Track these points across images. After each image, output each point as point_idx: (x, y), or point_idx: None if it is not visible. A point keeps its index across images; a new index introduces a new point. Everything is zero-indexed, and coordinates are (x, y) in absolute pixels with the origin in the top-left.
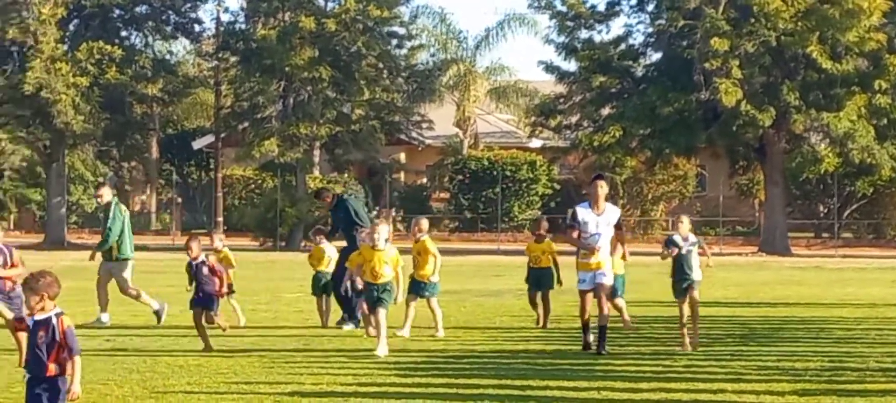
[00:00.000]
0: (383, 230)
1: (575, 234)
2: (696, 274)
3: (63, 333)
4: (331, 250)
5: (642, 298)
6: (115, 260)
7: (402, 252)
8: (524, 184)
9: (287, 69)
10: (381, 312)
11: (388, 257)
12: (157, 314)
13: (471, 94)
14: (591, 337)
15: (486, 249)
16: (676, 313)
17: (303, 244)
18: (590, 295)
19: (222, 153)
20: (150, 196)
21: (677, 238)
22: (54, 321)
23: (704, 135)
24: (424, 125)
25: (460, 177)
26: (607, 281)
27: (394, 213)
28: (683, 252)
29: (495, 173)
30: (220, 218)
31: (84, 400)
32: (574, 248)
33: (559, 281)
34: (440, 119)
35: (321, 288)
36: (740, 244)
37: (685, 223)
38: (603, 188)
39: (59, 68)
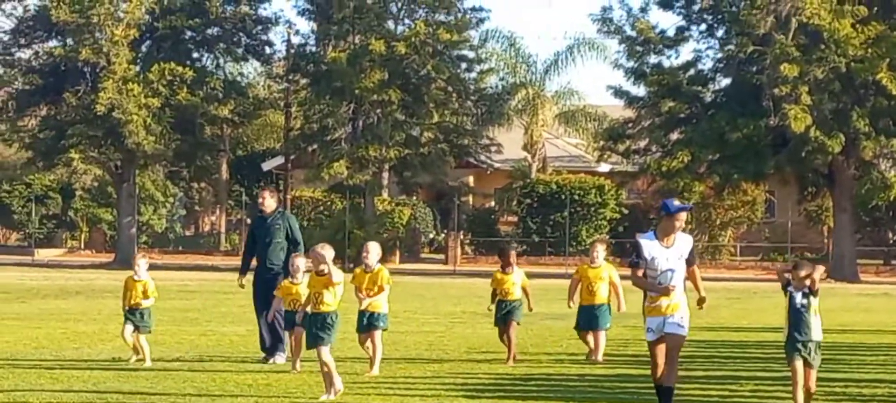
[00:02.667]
0: (328, 254)
1: (640, 273)
2: (815, 333)
3: None
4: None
5: (711, 323)
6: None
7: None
8: (592, 209)
9: (357, 91)
10: (322, 350)
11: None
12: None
13: (539, 118)
14: None
15: (554, 273)
16: (743, 337)
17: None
18: (662, 348)
19: (292, 174)
20: (219, 217)
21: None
22: None
23: (773, 160)
24: (493, 148)
25: (528, 200)
26: (682, 330)
27: (462, 236)
28: (798, 306)
29: (563, 197)
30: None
31: None
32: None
33: (530, 308)
34: (509, 143)
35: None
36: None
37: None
38: (684, 221)
39: (131, 89)
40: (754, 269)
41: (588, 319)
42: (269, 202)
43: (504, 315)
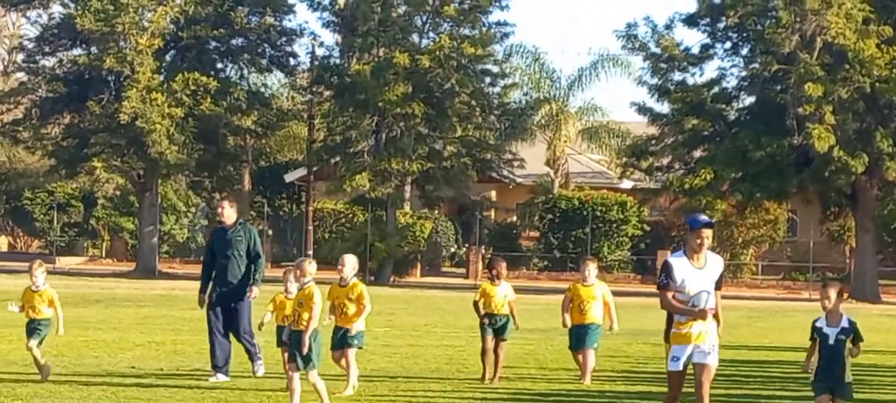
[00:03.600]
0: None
1: (670, 295)
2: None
3: None
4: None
5: (732, 342)
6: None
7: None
8: (614, 225)
9: (380, 104)
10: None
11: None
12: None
13: (562, 134)
14: None
15: None
16: (764, 356)
17: (391, 279)
18: (682, 379)
19: (314, 186)
20: None
21: (822, 324)
22: None
23: (796, 180)
24: (516, 163)
25: (550, 216)
26: (712, 360)
27: (483, 251)
28: (831, 342)
29: (585, 213)
30: (310, 251)
31: None
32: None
33: (516, 326)
34: (531, 158)
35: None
36: None
37: (832, 296)
38: (708, 237)
39: (154, 98)
40: (776, 288)
41: (577, 338)
42: (229, 213)
43: (493, 330)
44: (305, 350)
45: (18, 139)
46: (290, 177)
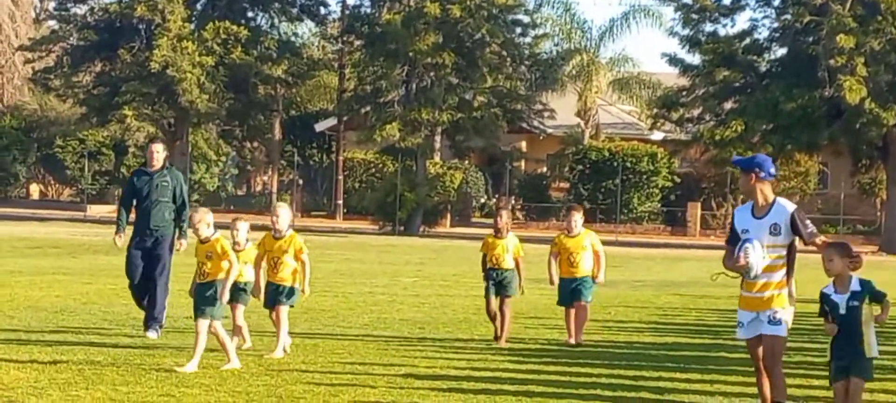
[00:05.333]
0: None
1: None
2: (870, 348)
3: None
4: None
5: None
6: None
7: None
8: (644, 176)
9: (411, 54)
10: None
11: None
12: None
13: (593, 85)
14: None
15: (604, 240)
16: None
17: (421, 229)
18: (759, 351)
19: (344, 136)
20: (271, 177)
21: (830, 290)
22: None
23: (827, 132)
24: (546, 114)
25: (580, 167)
26: (777, 329)
27: (513, 202)
28: (842, 311)
29: (616, 164)
30: (340, 201)
31: (205, 379)
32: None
33: (521, 290)
34: (562, 108)
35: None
36: (860, 243)
37: (835, 259)
38: (744, 179)
39: (185, 47)
40: None
41: (568, 293)
42: (160, 155)
43: (496, 287)
44: (225, 299)
45: (50, 87)
46: (320, 127)
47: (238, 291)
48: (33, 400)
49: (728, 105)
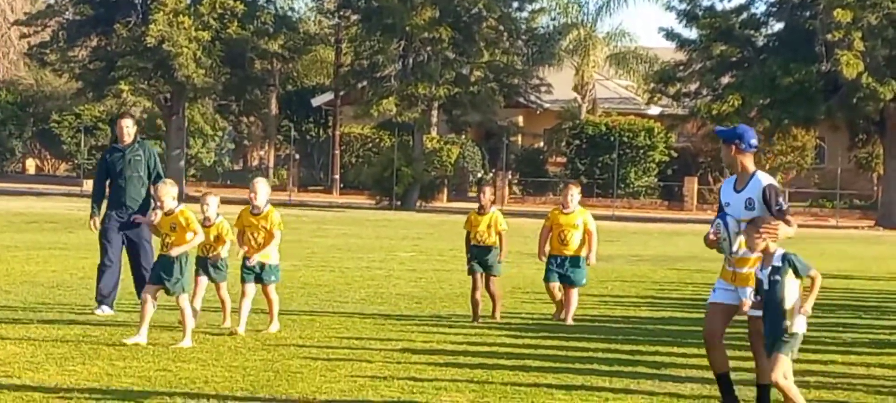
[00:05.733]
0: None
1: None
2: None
3: None
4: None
5: None
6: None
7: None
8: (641, 151)
9: (407, 29)
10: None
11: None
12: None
13: (590, 59)
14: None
15: (601, 215)
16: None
17: (417, 204)
18: (715, 317)
19: (341, 111)
20: (268, 151)
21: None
22: None
23: (824, 107)
24: (543, 89)
25: (577, 141)
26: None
27: (510, 176)
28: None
29: (612, 139)
30: (337, 176)
31: (206, 350)
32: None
33: (500, 257)
34: (559, 83)
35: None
36: (857, 217)
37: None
38: (726, 150)
39: (181, 22)
40: (802, 215)
41: (557, 272)
42: (130, 130)
43: (481, 266)
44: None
45: (46, 61)
46: (317, 102)
47: (216, 270)
48: (30, 375)
49: (725, 79)
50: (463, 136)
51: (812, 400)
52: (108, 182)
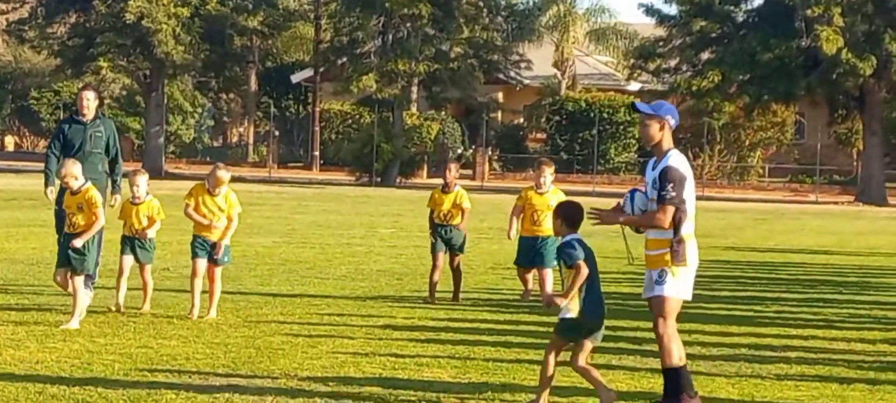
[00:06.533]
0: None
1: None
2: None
3: None
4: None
5: (737, 244)
6: None
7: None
8: (621, 127)
9: (387, 5)
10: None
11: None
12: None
13: (570, 35)
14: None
15: (582, 191)
16: (769, 258)
17: (397, 180)
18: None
19: (320, 87)
20: (247, 128)
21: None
22: None
23: (804, 82)
24: (523, 65)
25: (557, 117)
26: (657, 290)
27: (490, 152)
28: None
29: (592, 115)
30: (317, 152)
31: (183, 330)
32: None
33: (460, 227)
34: (539, 59)
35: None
36: (837, 193)
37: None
38: (644, 128)
39: None
40: (782, 191)
41: (530, 254)
42: (92, 104)
43: (445, 244)
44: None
45: (24, 38)
46: (296, 78)
47: (143, 250)
48: (11, 352)
49: (705, 55)
50: (443, 113)
51: (793, 375)
52: (60, 152)
